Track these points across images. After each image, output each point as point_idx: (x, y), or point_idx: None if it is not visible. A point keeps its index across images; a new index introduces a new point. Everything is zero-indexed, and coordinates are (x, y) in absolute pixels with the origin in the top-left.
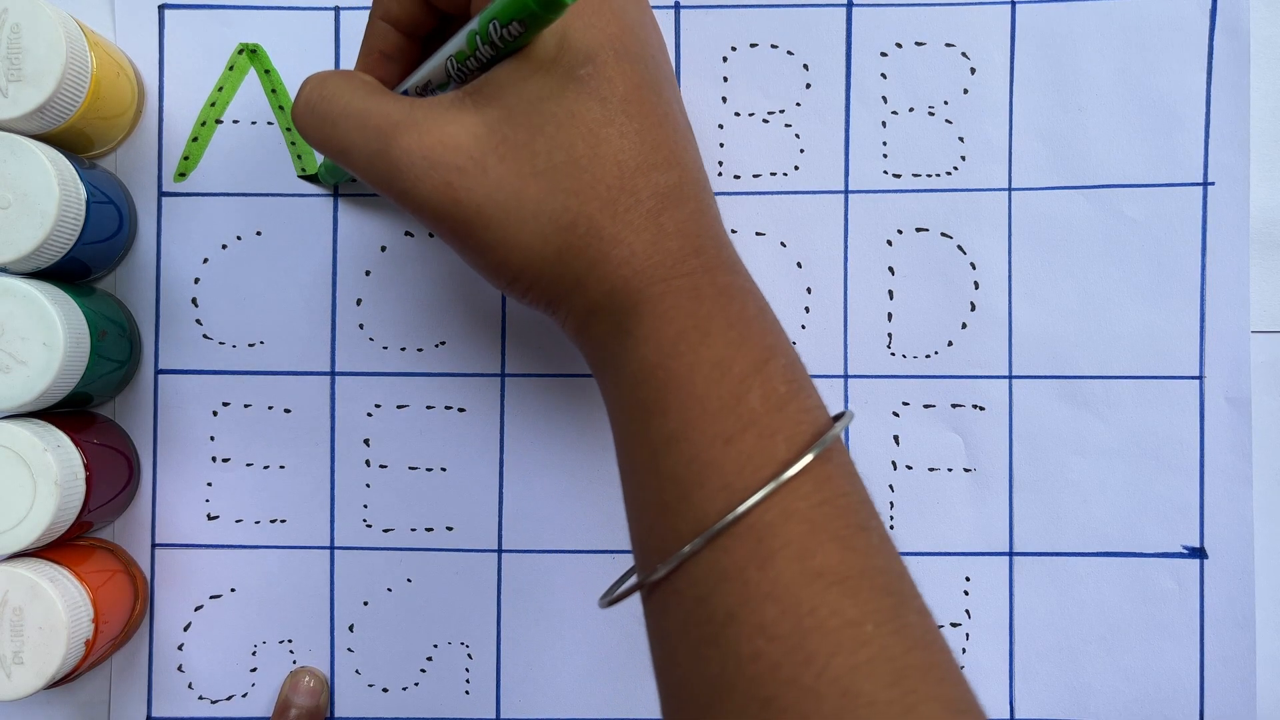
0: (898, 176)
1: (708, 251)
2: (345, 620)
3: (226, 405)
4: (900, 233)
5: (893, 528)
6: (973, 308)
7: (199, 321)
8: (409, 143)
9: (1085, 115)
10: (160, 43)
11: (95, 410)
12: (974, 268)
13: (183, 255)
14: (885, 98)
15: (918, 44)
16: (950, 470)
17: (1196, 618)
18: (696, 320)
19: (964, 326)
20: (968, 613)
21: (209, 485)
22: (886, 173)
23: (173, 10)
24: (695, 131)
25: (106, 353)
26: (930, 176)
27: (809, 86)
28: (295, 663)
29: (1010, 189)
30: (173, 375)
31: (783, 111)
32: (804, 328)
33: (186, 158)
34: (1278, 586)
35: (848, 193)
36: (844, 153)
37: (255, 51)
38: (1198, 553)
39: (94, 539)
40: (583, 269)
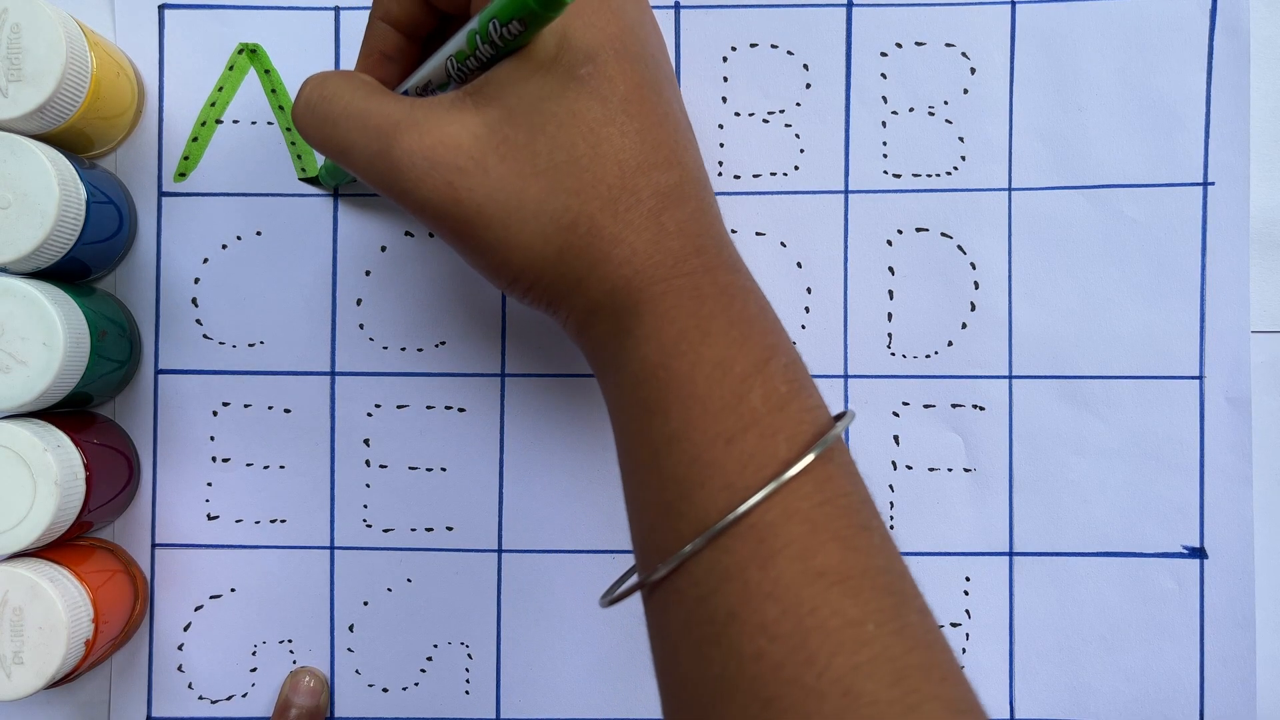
0: (898, 176)
1: (709, 251)
2: (345, 620)
3: (226, 405)
4: (900, 233)
5: (893, 528)
6: (973, 308)
7: (199, 321)
8: (410, 143)
9: (1085, 115)
10: (160, 43)
11: (95, 410)
12: (974, 268)
13: (183, 255)
14: (885, 98)
15: (918, 44)
16: (950, 470)
17: (1196, 618)
18: (698, 320)
19: (964, 326)
20: (968, 613)
21: (209, 485)
22: (886, 173)
23: (173, 10)
24: (695, 131)
25: (106, 353)
26: (930, 176)
27: (809, 86)
28: (295, 663)
29: (1010, 189)
30: (173, 375)
31: (783, 111)
32: (804, 328)
33: (186, 158)
34: (1278, 586)
35: (848, 193)
36: (844, 153)
37: (255, 51)
38: (1198, 553)
39: (94, 539)
40: (584, 269)
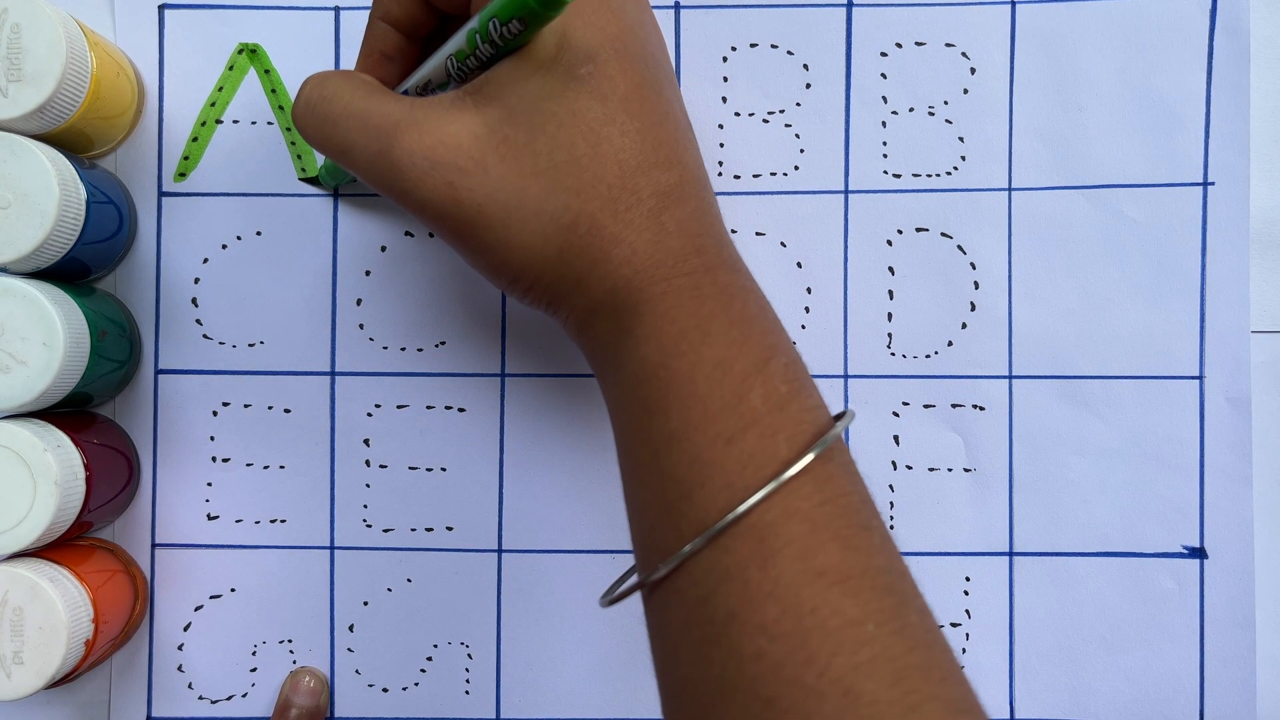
0: (898, 176)
1: (709, 250)
2: (345, 620)
3: (226, 405)
4: (900, 233)
5: (893, 528)
6: (973, 308)
7: (199, 321)
8: (410, 143)
9: (1085, 115)
10: (160, 43)
11: (95, 410)
12: (974, 268)
13: (183, 255)
14: (885, 98)
15: (918, 44)
16: (950, 470)
17: (1196, 618)
18: (698, 319)
19: (964, 326)
20: (968, 613)
21: (209, 485)
22: (886, 173)
23: (172, 10)
24: (695, 131)
25: (106, 353)
26: (930, 176)
27: (809, 86)
28: (295, 663)
29: (1010, 189)
30: (173, 375)
31: (783, 111)
32: (804, 328)
33: (186, 158)
34: (1278, 586)
35: (848, 193)
36: (844, 153)
37: (255, 51)
38: (1198, 553)
39: (94, 539)
40: (584, 268)
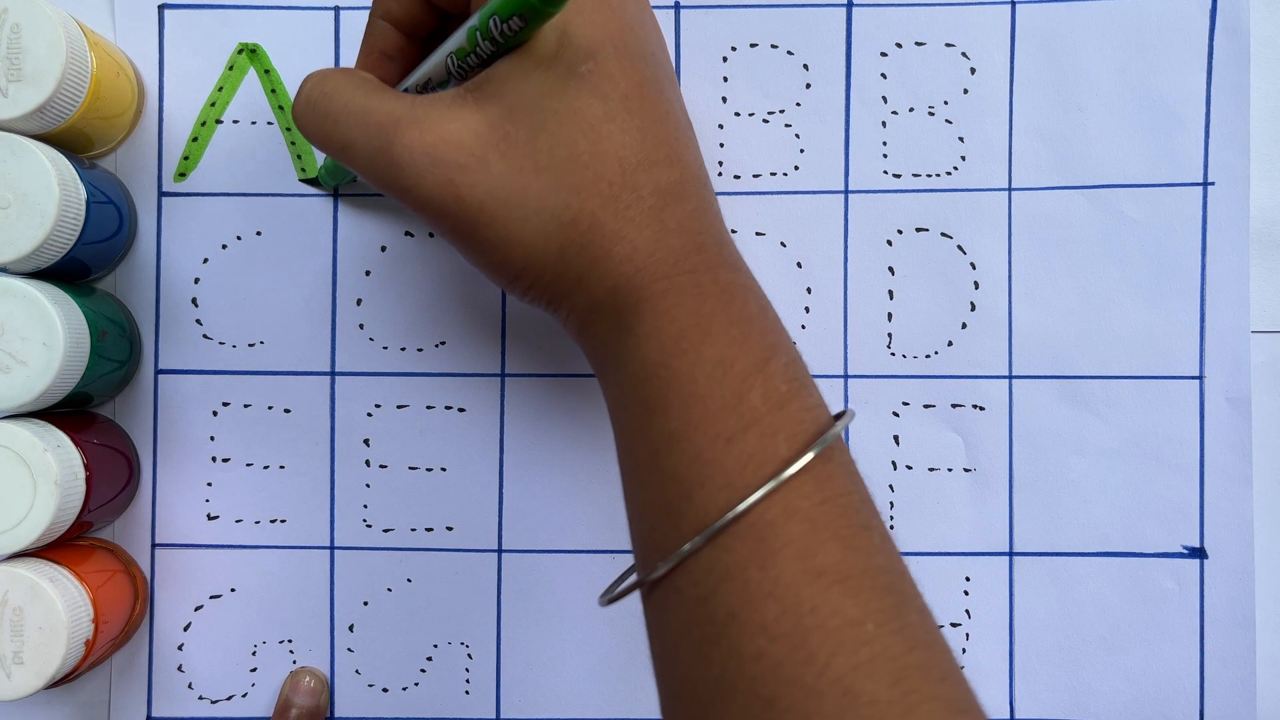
0: (898, 176)
1: (709, 249)
2: (345, 620)
3: (226, 405)
4: (900, 233)
5: (893, 528)
6: (973, 308)
7: (199, 321)
8: (410, 140)
9: (1085, 115)
10: (160, 43)
11: (95, 410)
12: (974, 268)
13: (183, 255)
14: (885, 98)
15: (918, 44)
16: (950, 470)
17: (1196, 618)
18: (698, 318)
19: (964, 326)
20: (968, 613)
21: (209, 485)
22: (886, 173)
23: (172, 10)
24: (695, 131)
25: (106, 353)
26: (930, 176)
27: (809, 86)
28: (295, 663)
29: (1010, 189)
30: (173, 375)
31: (783, 111)
32: (804, 328)
33: (186, 158)
34: (1278, 586)
35: (848, 193)
36: (844, 153)
37: (255, 51)
38: (1198, 553)
39: (94, 539)
40: (585, 266)
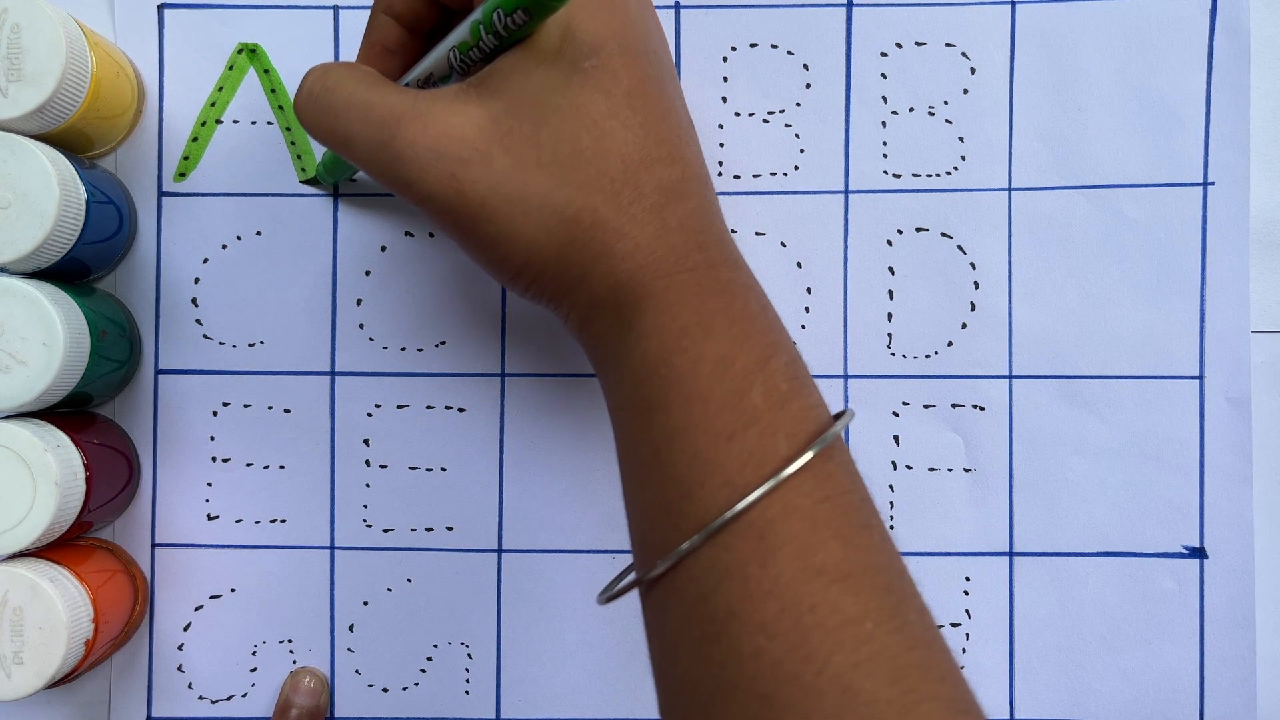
0: (898, 176)
1: (710, 247)
2: (345, 620)
3: (226, 405)
4: (900, 233)
5: (893, 528)
6: (973, 308)
7: (199, 321)
8: (413, 134)
9: (1085, 115)
10: (160, 43)
11: (95, 410)
12: (974, 268)
13: (183, 255)
14: (885, 98)
15: (918, 44)
16: (950, 470)
17: (1196, 618)
18: (700, 316)
19: (964, 326)
20: (968, 613)
21: (209, 485)
22: (886, 173)
23: (172, 10)
24: (695, 131)
25: (106, 353)
26: (930, 176)
27: (809, 86)
28: (295, 663)
29: (1010, 189)
30: (173, 375)
31: (783, 111)
32: (804, 328)
33: (186, 158)
34: (1278, 586)
35: (848, 193)
36: (844, 153)
37: (255, 51)
38: (1198, 553)
39: (94, 539)
40: (587, 263)
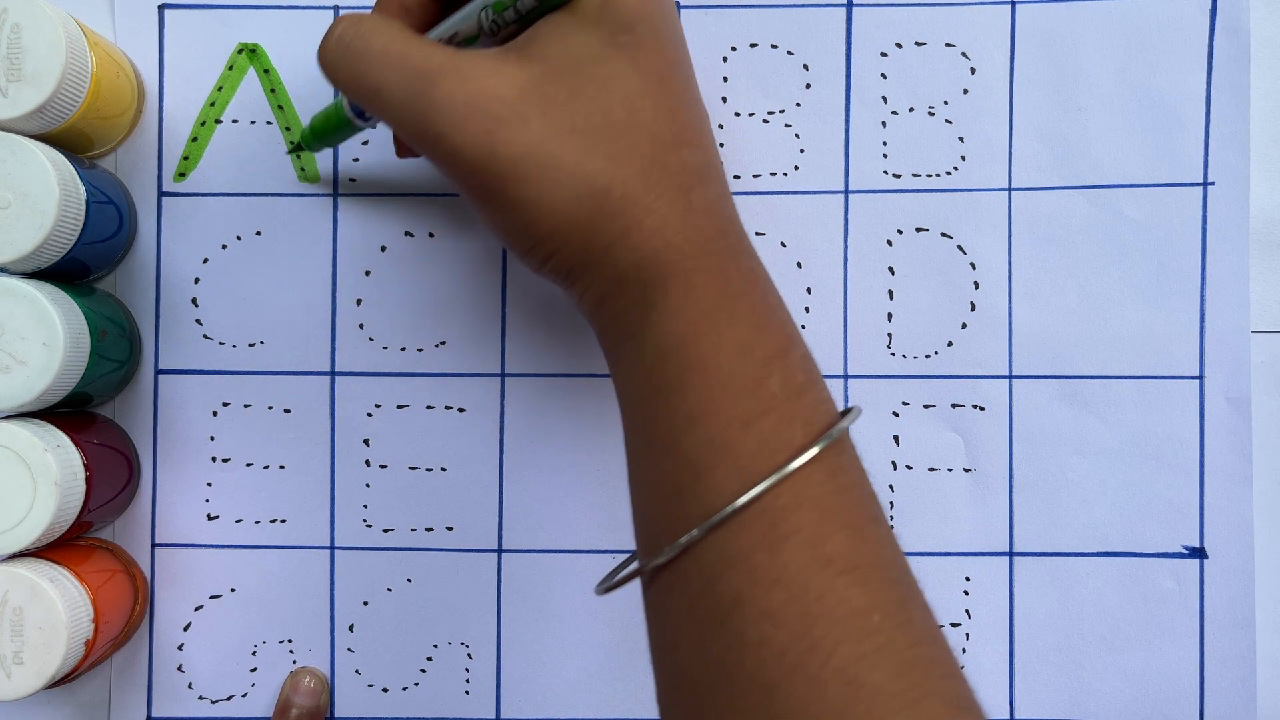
0: (898, 176)
1: (733, 235)
2: (345, 620)
3: (226, 405)
4: (900, 233)
5: (893, 528)
6: (973, 308)
7: (199, 321)
8: (451, 87)
9: (1085, 115)
10: (160, 43)
11: (95, 410)
12: (974, 268)
13: (183, 255)
14: (885, 98)
15: (918, 44)
16: (950, 470)
17: (1196, 618)
18: (724, 299)
19: (964, 326)
20: (968, 613)
21: (209, 485)
22: (886, 173)
23: (172, 10)
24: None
25: (106, 353)
26: (930, 176)
27: (809, 86)
28: (295, 663)
29: (1010, 189)
30: (173, 375)
31: (783, 111)
32: (804, 328)
33: (186, 158)
34: (1278, 586)
35: (848, 193)
36: (844, 153)
37: (255, 51)
38: (1198, 553)
39: (94, 539)
40: (614, 236)
